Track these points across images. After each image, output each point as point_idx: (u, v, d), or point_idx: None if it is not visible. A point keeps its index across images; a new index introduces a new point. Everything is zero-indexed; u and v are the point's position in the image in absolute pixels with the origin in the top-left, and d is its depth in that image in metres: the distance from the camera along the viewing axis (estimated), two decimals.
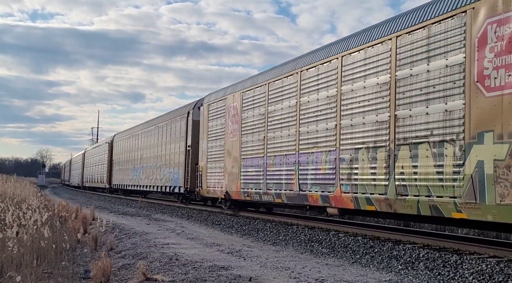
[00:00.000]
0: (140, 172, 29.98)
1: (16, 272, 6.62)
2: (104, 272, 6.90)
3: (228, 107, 17.35)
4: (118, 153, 37.40)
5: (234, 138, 16.72)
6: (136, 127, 34.17)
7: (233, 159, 16.64)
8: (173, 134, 24.32)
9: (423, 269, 7.83)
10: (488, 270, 7.44)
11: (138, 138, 31.58)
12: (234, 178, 16.49)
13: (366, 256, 9.10)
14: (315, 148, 12.28)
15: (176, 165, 23.20)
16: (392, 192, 9.72)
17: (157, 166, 26.51)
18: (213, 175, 18.28)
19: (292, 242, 11.06)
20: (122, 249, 9.93)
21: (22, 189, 25.17)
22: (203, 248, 9.75)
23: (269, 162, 14.33)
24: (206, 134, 19.29)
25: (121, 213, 19.59)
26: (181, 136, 23.05)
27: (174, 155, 23.81)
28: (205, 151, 19.21)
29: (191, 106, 22.62)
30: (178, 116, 23.93)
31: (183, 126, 22.80)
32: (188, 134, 22.05)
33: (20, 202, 16.27)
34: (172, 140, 24.45)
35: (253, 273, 7.12)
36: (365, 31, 11.26)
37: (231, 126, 17.01)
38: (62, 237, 9.52)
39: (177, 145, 23.40)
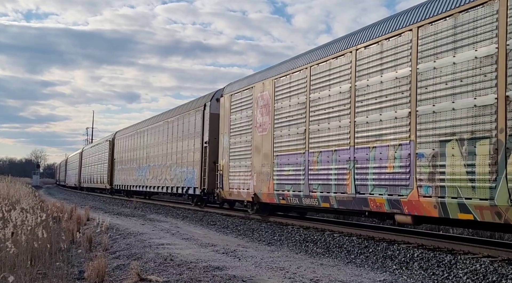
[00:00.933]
0: (147, 171, 27.72)
1: (10, 273, 6.60)
2: (99, 273, 6.89)
3: (256, 97, 15.35)
4: (120, 152, 35.00)
5: (264, 132, 14.73)
6: (141, 123, 31.67)
7: (264, 156, 14.66)
8: (186, 129, 22.01)
9: (418, 269, 7.86)
10: (482, 269, 7.48)
11: (144, 135, 29.16)
12: (264, 178, 14.53)
13: (361, 256, 9.12)
14: (378, 142, 10.27)
15: (191, 164, 21.00)
16: (502, 196, 7.74)
17: (167, 165, 24.23)
18: (237, 175, 16.29)
19: (287, 242, 11.07)
20: (116, 250, 9.90)
21: (17, 190, 25.06)
22: (198, 248, 9.74)
23: (312, 159, 12.33)
24: (227, 128, 17.17)
25: (116, 214, 19.55)
26: (196, 132, 20.76)
27: (187, 153, 21.58)
28: (227, 147, 17.11)
29: (207, 97, 20.26)
30: (193, 110, 21.49)
31: (199, 121, 20.51)
32: (204, 129, 19.90)
33: (14, 202, 16.20)
34: (185, 136, 22.12)
35: (248, 274, 7.12)
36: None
37: (260, 118, 15.00)
38: (57, 238, 9.49)
39: (191, 141, 21.19)
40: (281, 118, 13.96)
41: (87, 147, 54.11)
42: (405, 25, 9.92)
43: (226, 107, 17.50)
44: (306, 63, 12.97)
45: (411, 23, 9.77)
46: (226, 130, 17.32)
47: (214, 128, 18.88)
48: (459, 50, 8.68)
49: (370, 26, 11.19)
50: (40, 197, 27.50)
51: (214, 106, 19.32)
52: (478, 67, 8.33)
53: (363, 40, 10.99)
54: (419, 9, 9.77)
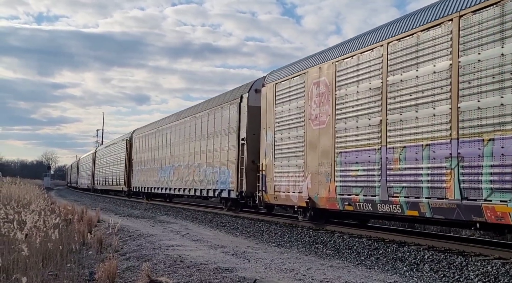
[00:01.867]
0: (170, 172, 25.46)
1: (22, 274, 6.66)
2: (109, 274, 6.93)
3: (310, 84, 13.23)
4: (139, 151, 32.61)
5: (321, 125, 12.65)
6: (163, 120, 29.34)
7: (321, 153, 12.60)
8: (219, 125, 19.74)
9: (428, 271, 7.82)
10: (493, 271, 7.43)
11: (167, 132, 26.75)
12: (323, 180, 12.46)
13: (371, 258, 9.10)
14: (499, 133, 8.02)
15: (224, 163, 18.83)
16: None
17: (195, 166, 21.99)
18: (285, 176, 14.22)
19: (296, 243, 11.06)
20: (127, 251, 9.96)
21: (28, 192, 25.25)
22: (207, 250, 9.77)
23: (393, 156, 10.22)
24: (271, 122, 15.08)
25: (126, 215, 19.64)
26: (230, 128, 18.57)
27: (220, 152, 19.37)
28: (271, 144, 15.04)
29: (244, 88, 18.09)
30: (226, 103, 19.23)
31: (234, 115, 18.33)
32: (241, 124, 17.67)
33: (25, 204, 16.34)
34: (217, 133, 19.86)
35: (257, 275, 7.13)
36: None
37: (316, 109, 12.91)
38: (68, 240, 9.55)
39: (225, 138, 18.96)
40: (346, 108, 11.79)
41: (101, 147, 51.95)
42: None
43: (269, 98, 15.37)
44: (382, 40, 10.76)
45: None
46: (269, 124, 15.22)
47: (253, 122, 16.85)
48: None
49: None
50: (51, 198, 27.68)
51: (252, 97, 17.15)
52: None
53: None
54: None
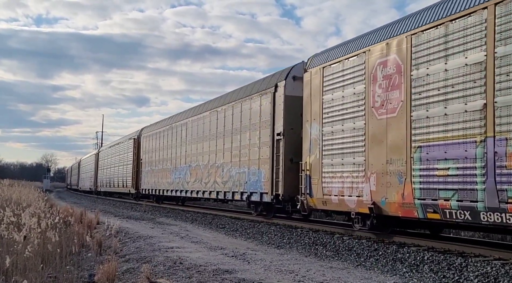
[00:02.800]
0: (186, 173, 23.06)
1: (21, 276, 6.65)
2: (109, 276, 6.93)
3: (373, 65, 11.02)
4: (148, 151, 30.09)
5: (391, 114, 10.39)
6: (176, 116, 26.94)
7: (391, 148, 10.32)
8: (247, 119, 17.40)
9: (428, 272, 7.81)
10: (493, 272, 7.42)
11: (182, 129, 24.38)
12: (393, 181, 10.22)
13: (371, 259, 9.09)
14: None
15: (255, 162, 16.55)
16: None
17: (217, 165, 19.56)
18: (337, 176, 11.97)
19: (296, 245, 11.06)
20: (126, 253, 9.95)
21: (28, 194, 25.24)
22: (207, 251, 9.76)
23: (506, 149, 8.01)
24: (318, 113, 12.81)
25: (126, 217, 19.63)
26: (262, 121, 16.29)
27: (249, 149, 17.06)
28: (317, 139, 12.78)
29: (279, 76, 15.84)
30: (256, 94, 16.95)
31: (267, 106, 16.06)
32: (276, 117, 15.46)
33: (25, 207, 16.33)
34: (244, 128, 17.51)
35: (257, 277, 7.12)
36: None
37: (382, 94, 10.70)
38: (67, 242, 9.55)
39: (255, 134, 16.69)
40: (428, 91, 9.57)
41: (105, 147, 49.03)
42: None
43: (314, 85, 13.06)
44: (485, 1, 8.59)
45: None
46: (315, 115, 12.95)
47: (291, 115, 14.81)
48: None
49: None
50: (51, 201, 27.67)
51: (290, 86, 15.08)
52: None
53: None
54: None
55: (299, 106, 14.08)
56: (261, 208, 16.69)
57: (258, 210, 16.95)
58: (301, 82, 14.10)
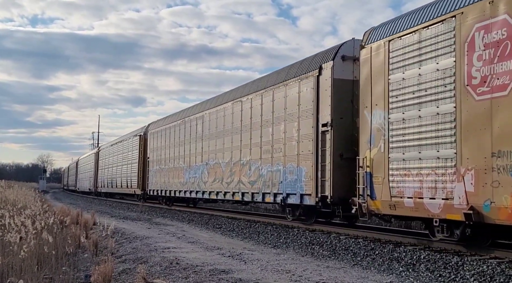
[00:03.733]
0: (203, 172, 20.70)
1: (17, 278, 6.63)
2: (105, 277, 6.91)
3: (467, 33, 8.77)
4: (156, 149, 27.83)
5: (498, 92, 8.17)
6: (190, 109, 24.55)
7: (499, 137, 8.11)
8: (280, 108, 15.04)
9: (424, 271, 7.83)
10: (489, 271, 7.45)
11: (197, 123, 21.93)
12: (505, 180, 7.98)
13: (367, 258, 9.10)
14: None
15: (292, 159, 14.19)
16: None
17: (242, 163, 17.18)
18: (412, 173, 9.78)
19: (293, 245, 11.06)
20: (122, 254, 9.93)
21: (24, 195, 25.18)
22: (203, 251, 9.75)
23: None
24: (381, 97, 10.63)
25: (122, 218, 19.60)
26: (302, 111, 13.90)
27: (285, 144, 14.65)
28: (381, 129, 10.61)
29: (325, 56, 13.48)
30: (293, 79, 14.54)
31: (308, 93, 13.69)
32: (321, 106, 13.16)
33: (22, 208, 16.28)
34: (278, 119, 15.17)
35: (254, 277, 7.12)
36: None
37: (485, 68, 8.42)
38: (63, 242, 9.52)
39: (292, 125, 14.33)
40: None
41: (105, 145, 46.29)
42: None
43: (376, 63, 10.86)
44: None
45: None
46: (377, 100, 10.79)
47: (340, 101, 12.72)
48: None
49: None
50: (47, 202, 27.61)
51: (339, 67, 12.84)
52: None
53: None
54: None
55: (349, 91, 12.45)
56: (300, 212, 14.31)
57: (295, 214, 14.48)
58: (351, 62, 12.60)
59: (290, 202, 14.29)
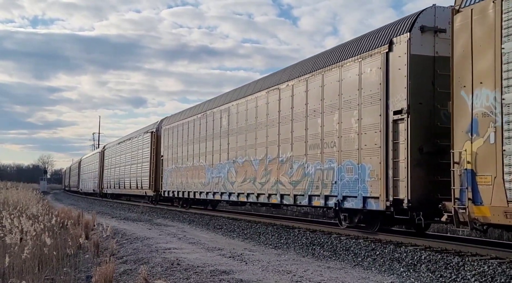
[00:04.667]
0: (229, 171, 18.47)
1: (18, 279, 6.64)
2: (106, 278, 6.91)
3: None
4: (172, 145, 25.55)
5: None
6: (213, 100, 21.98)
7: None
8: (334, 94, 12.65)
9: (425, 271, 7.83)
10: (490, 271, 7.45)
11: (222, 116, 19.52)
12: None
13: (368, 259, 9.10)
14: None
15: (351, 154, 11.90)
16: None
17: (282, 160, 14.89)
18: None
19: (293, 245, 11.06)
20: (123, 255, 9.94)
21: (24, 196, 25.20)
22: (204, 252, 9.76)
23: None
24: (488, 73, 8.46)
25: (123, 219, 19.60)
26: (364, 96, 11.65)
27: (341, 136, 12.27)
28: (488, 114, 8.41)
29: (397, 28, 11.23)
30: (352, 58, 12.26)
31: (373, 74, 11.49)
32: (392, 89, 10.91)
33: (23, 209, 16.30)
34: (330, 108, 12.76)
35: (254, 277, 7.13)
36: None
37: None
38: (64, 243, 9.53)
39: (349, 114, 12.08)
40: None
41: (111, 144, 43.99)
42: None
43: (480, 31, 8.66)
44: None
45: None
46: (482, 77, 8.64)
47: (419, 83, 10.56)
48: None
49: None
50: (48, 202, 27.61)
51: (417, 41, 10.67)
52: None
53: None
54: None
55: (429, 70, 10.54)
56: (360, 218, 12.07)
57: (353, 221, 12.24)
58: (431, 35, 10.63)
59: (348, 206, 11.90)
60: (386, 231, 11.97)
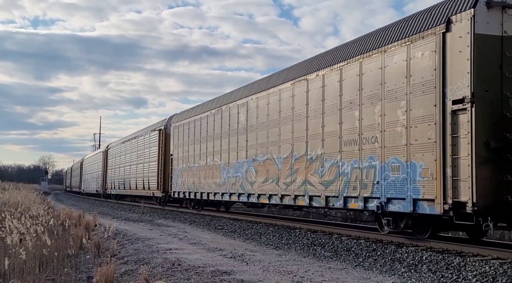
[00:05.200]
0: (248, 170, 16.99)
1: (19, 279, 6.64)
2: (107, 278, 6.91)
3: None
4: (182, 144, 24.09)
5: None
6: (229, 94, 20.49)
7: None
8: (375, 83, 11.18)
9: (426, 272, 7.82)
10: (491, 272, 7.44)
11: (240, 111, 18.08)
12: None
13: (369, 259, 9.10)
14: None
15: (397, 150, 10.42)
16: None
17: (311, 158, 13.29)
18: None
19: (294, 246, 11.06)
20: (124, 255, 9.94)
21: (25, 197, 25.21)
22: (205, 253, 9.75)
23: None
24: None
25: (124, 219, 19.61)
26: (415, 84, 10.14)
27: (384, 130, 10.81)
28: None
29: (456, 4, 9.71)
30: (398, 41, 10.70)
31: (426, 58, 9.91)
32: (450, 75, 9.42)
33: (25, 209, 16.30)
34: (370, 99, 11.30)
35: (255, 278, 7.12)
36: None
37: None
38: (65, 244, 9.53)
39: (395, 105, 10.55)
40: None
41: (115, 143, 42.67)
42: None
43: None
44: None
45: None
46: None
47: (485, 67, 9.15)
48: None
49: None
50: (49, 203, 27.62)
51: (483, 19, 9.15)
52: None
53: None
54: None
55: (497, 52, 9.16)
56: (407, 222, 10.62)
57: (399, 225, 10.79)
58: (499, 11, 9.18)
59: (393, 209, 10.47)
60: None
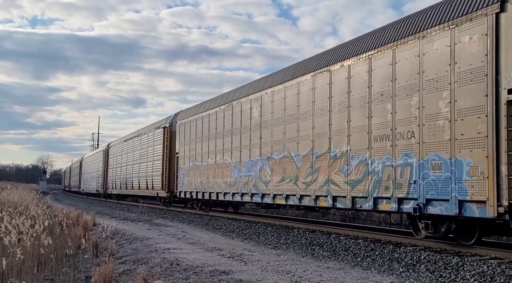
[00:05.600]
0: (262, 169, 15.82)
1: (17, 279, 6.64)
2: (106, 278, 6.91)
3: None
4: (189, 141, 22.85)
5: None
6: (241, 89, 19.08)
7: None
8: (411, 73, 10.15)
9: (425, 272, 7.83)
10: (489, 271, 7.45)
11: (253, 106, 16.91)
12: None
13: (367, 259, 9.11)
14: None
15: (440, 146, 9.37)
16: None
17: (334, 156, 12.24)
18: None
19: (293, 245, 11.06)
20: (123, 255, 9.94)
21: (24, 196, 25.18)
22: (204, 252, 9.75)
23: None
24: None
25: (122, 219, 19.59)
26: (461, 71, 9.07)
27: (424, 124, 9.77)
28: None
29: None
30: (440, 25, 9.60)
31: (475, 43, 8.82)
32: (506, 60, 8.36)
33: (23, 209, 16.28)
34: (406, 89, 10.27)
35: (254, 278, 7.13)
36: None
37: None
38: (63, 244, 9.53)
39: (440, 96, 9.41)
40: None
41: (117, 141, 41.35)
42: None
43: None
44: None
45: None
46: None
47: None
48: None
49: None
50: (47, 203, 27.60)
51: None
52: None
53: None
54: None
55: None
56: (450, 226, 9.61)
57: (440, 229, 9.79)
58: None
59: (434, 212, 9.40)
60: (384, 230, 11.88)
